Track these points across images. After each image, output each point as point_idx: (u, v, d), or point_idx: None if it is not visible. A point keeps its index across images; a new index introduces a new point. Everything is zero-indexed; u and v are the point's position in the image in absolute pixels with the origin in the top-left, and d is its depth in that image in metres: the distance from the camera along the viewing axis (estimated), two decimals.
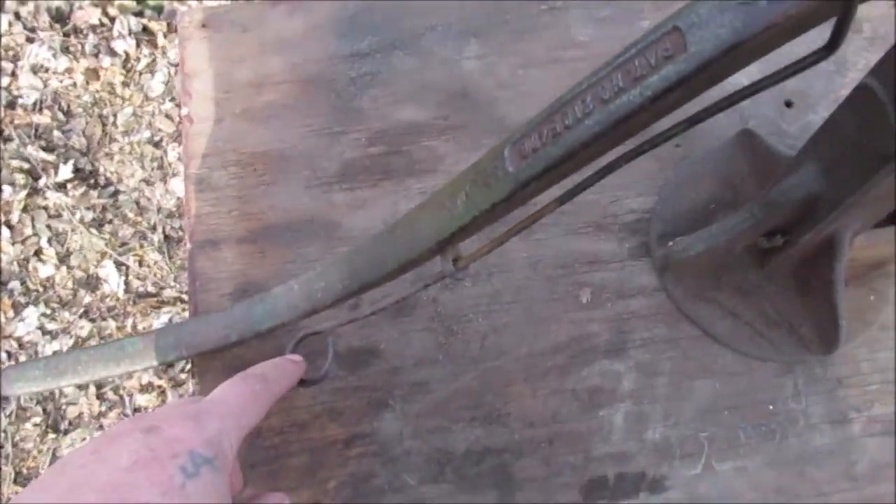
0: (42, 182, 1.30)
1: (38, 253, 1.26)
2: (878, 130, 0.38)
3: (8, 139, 1.33)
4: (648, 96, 0.30)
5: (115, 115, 1.35)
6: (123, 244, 1.26)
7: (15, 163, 1.31)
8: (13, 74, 1.39)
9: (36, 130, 1.34)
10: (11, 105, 1.36)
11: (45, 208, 1.27)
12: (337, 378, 0.51)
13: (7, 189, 1.29)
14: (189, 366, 0.79)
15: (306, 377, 0.44)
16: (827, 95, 0.59)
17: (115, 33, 1.39)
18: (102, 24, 1.41)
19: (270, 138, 0.58)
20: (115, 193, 1.30)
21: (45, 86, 1.36)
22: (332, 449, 0.50)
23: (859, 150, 0.40)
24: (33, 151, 1.32)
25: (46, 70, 1.37)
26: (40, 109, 1.35)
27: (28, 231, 1.28)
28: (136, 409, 1.16)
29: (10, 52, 1.40)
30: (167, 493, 0.28)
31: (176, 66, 1.33)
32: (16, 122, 1.35)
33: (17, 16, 1.43)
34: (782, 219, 0.48)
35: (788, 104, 0.60)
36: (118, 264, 1.25)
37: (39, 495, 0.29)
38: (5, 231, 1.27)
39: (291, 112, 0.58)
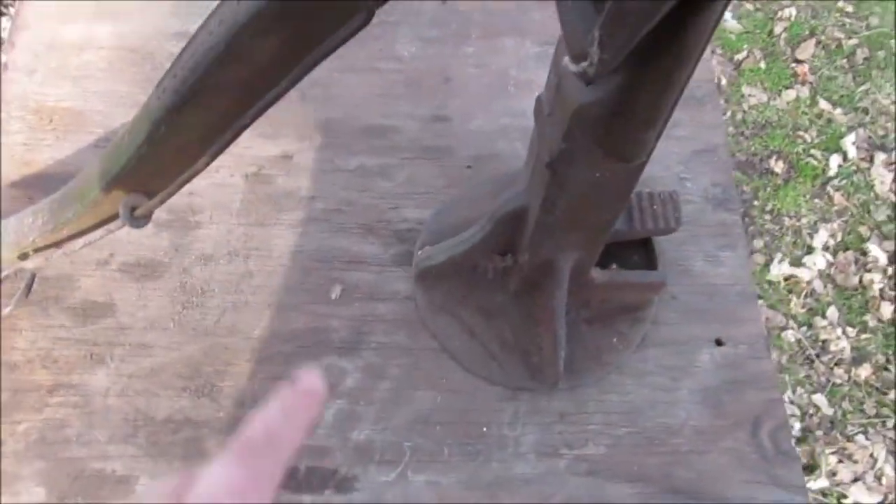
0: None
1: None
2: (543, 140, 0.39)
3: None
4: (222, 39, 0.31)
5: None
6: None
7: None
8: None
9: None
10: None
11: None
12: (63, 328, 0.52)
13: None
14: None
15: None
16: None
17: None
18: None
19: (74, 96, 0.59)
20: None
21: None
22: (35, 394, 0.50)
23: (539, 164, 0.41)
24: None
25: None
26: None
27: None
28: None
29: None
30: None
31: None
32: None
33: None
34: (502, 235, 0.48)
35: None
36: None
37: None
38: None
39: (103, 76, 0.60)
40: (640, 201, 0.48)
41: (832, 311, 1.35)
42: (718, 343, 0.54)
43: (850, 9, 1.65)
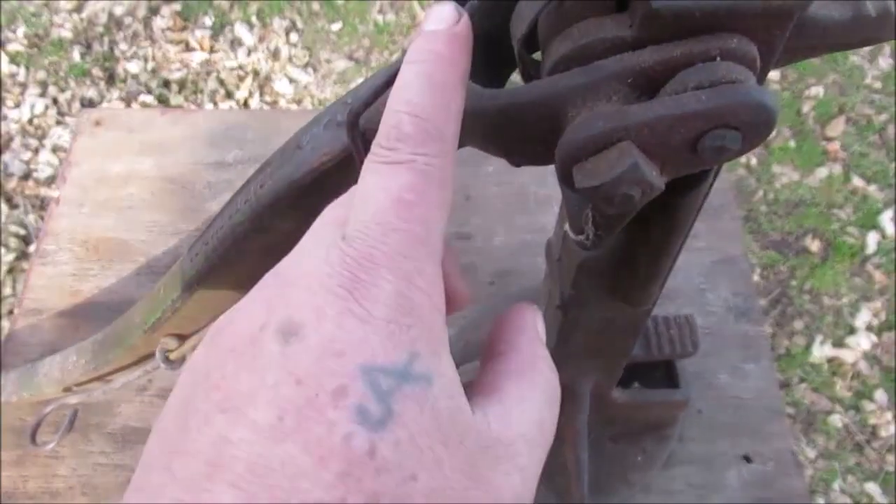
0: (31, 248, 1.40)
1: (11, 312, 1.35)
2: (554, 282, 0.41)
3: (14, 206, 1.46)
4: (247, 217, 0.33)
5: None
6: None
7: (13, 228, 1.42)
8: (36, 151, 1.53)
9: (41, 202, 1.47)
10: (26, 177, 1.50)
11: (24, 272, 1.37)
12: (103, 455, 0.54)
13: (1, 251, 1.40)
14: None
15: (40, 441, 0.47)
16: None
17: None
18: None
19: (120, 227, 0.63)
20: None
21: (60, 163, 1.50)
22: None
23: (551, 303, 0.42)
24: (32, 219, 1.44)
25: (65, 151, 1.52)
26: (49, 184, 1.48)
27: (7, 291, 1.37)
28: None
29: (39, 132, 1.56)
30: (347, 478, 0.16)
31: None
32: (26, 192, 1.48)
33: (55, 101, 1.60)
34: None
35: None
36: None
37: (175, 487, 0.16)
38: None
39: (146, 206, 0.64)
40: (656, 326, 0.49)
41: (880, 394, 1.31)
42: (747, 460, 0.54)
43: (878, 85, 1.66)
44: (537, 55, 0.26)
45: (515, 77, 0.28)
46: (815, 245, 1.47)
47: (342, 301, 0.17)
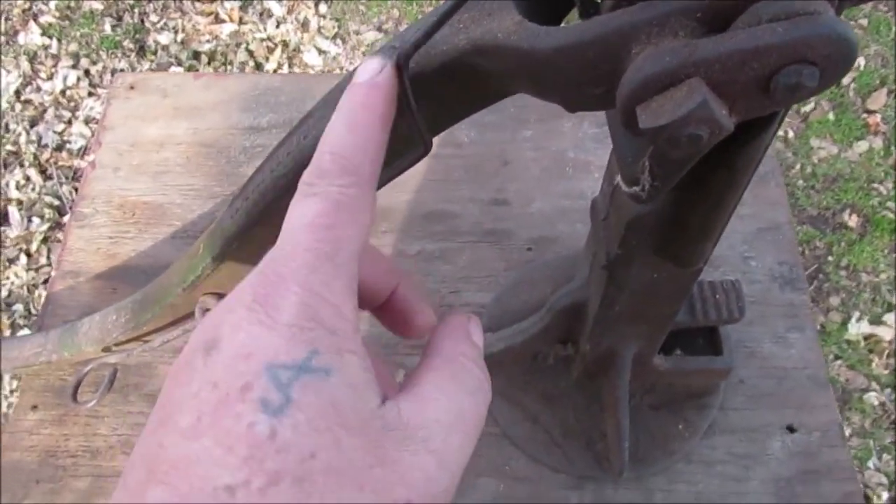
0: (66, 219, 1.42)
1: (46, 282, 1.37)
2: (599, 242, 0.39)
3: (49, 177, 1.47)
4: (290, 170, 0.33)
5: None
6: None
7: (48, 198, 1.44)
8: (69, 122, 1.54)
9: (74, 173, 1.48)
10: (59, 148, 1.51)
11: (60, 241, 1.38)
12: (142, 415, 0.54)
13: (36, 221, 1.42)
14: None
15: (80, 399, 0.47)
16: None
17: None
18: None
19: (155, 191, 0.63)
20: None
21: (93, 135, 1.51)
22: (116, 479, 0.52)
23: (596, 264, 0.41)
24: (66, 191, 1.45)
25: (97, 122, 1.53)
26: (82, 156, 1.49)
27: (43, 261, 1.39)
28: None
29: (72, 104, 1.57)
30: (251, 460, 0.17)
31: None
32: (59, 163, 1.49)
33: (87, 73, 1.61)
34: (562, 326, 0.49)
35: None
36: None
37: (124, 494, 0.19)
38: (23, 258, 1.39)
39: (181, 170, 0.64)
40: (701, 291, 0.48)
41: None
42: (790, 430, 0.53)
43: None
44: None
45: (573, 17, 0.27)
46: (853, 220, 1.44)
47: (254, 314, 0.20)
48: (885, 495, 1.19)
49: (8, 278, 1.38)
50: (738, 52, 0.21)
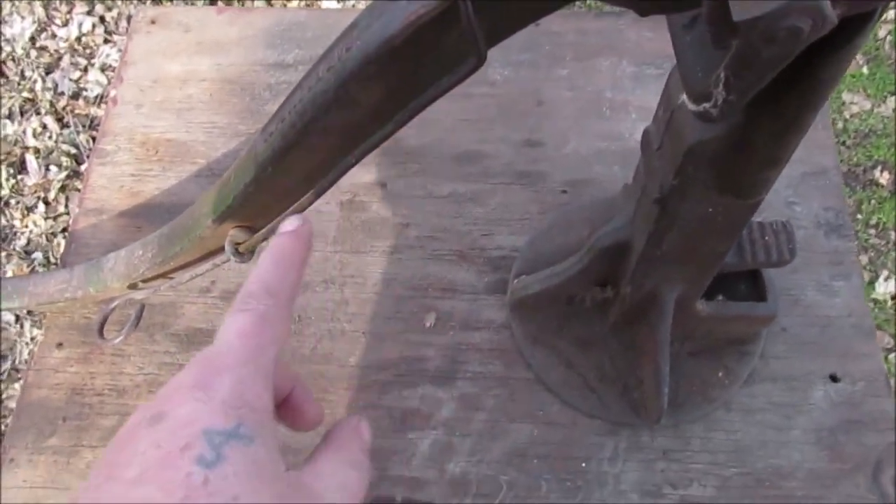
0: (83, 167, 1.41)
1: (65, 230, 1.36)
2: (651, 175, 0.37)
3: (65, 125, 1.46)
4: (331, 86, 0.31)
5: None
6: None
7: (65, 146, 1.42)
8: (85, 70, 1.52)
9: (91, 121, 1.46)
10: (76, 96, 1.49)
11: (79, 190, 1.37)
12: (167, 354, 0.53)
13: (53, 169, 1.41)
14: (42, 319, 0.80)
15: (107, 336, 0.46)
16: None
17: None
18: None
19: (179, 128, 0.61)
20: None
21: (109, 83, 1.49)
22: None
23: (646, 198, 0.39)
24: (83, 139, 1.44)
25: (113, 69, 1.50)
26: (99, 104, 1.47)
27: (61, 209, 1.38)
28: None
29: (87, 51, 1.54)
30: (186, 500, 0.22)
31: None
32: (76, 111, 1.47)
33: (102, 19, 1.58)
34: (602, 267, 0.47)
35: None
36: None
37: None
38: (41, 206, 1.38)
39: (205, 107, 0.62)
40: (750, 233, 0.46)
41: None
42: (833, 379, 0.51)
43: None
44: None
45: None
46: (884, 178, 1.40)
47: (195, 394, 0.25)
48: None
49: (27, 227, 1.38)
50: None
